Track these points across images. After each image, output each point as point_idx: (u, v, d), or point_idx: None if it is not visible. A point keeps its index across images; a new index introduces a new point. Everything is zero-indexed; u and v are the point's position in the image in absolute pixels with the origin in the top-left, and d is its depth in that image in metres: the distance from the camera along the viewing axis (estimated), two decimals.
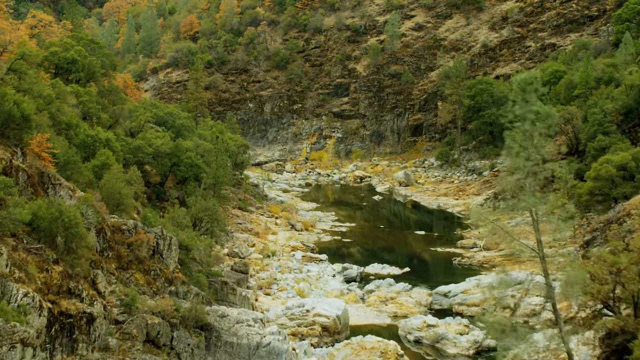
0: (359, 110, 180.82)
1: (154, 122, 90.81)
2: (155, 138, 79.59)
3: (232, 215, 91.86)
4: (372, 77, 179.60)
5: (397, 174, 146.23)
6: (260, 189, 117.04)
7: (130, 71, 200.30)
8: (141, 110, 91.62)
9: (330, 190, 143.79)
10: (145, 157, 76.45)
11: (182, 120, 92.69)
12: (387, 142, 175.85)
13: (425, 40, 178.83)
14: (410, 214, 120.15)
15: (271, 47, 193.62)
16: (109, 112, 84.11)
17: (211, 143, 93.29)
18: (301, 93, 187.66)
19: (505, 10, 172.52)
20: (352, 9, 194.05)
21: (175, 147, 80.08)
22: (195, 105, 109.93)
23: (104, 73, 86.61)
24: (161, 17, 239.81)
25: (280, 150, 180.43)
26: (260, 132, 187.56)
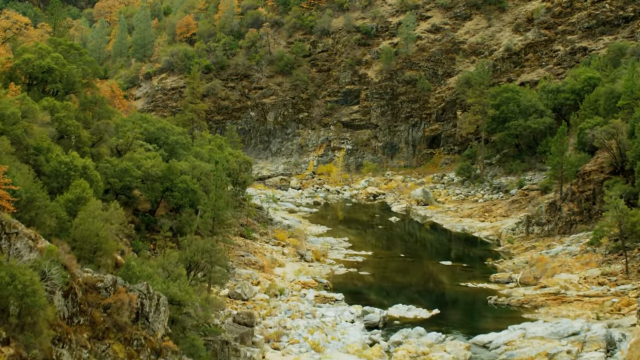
0: (371, 120, 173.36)
1: (145, 139, 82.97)
2: (145, 159, 71.72)
3: (234, 245, 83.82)
4: (385, 83, 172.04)
5: (414, 191, 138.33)
6: (264, 211, 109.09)
7: (122, 76, 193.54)
8: (130, 125, 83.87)
9: (340, 209, 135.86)
10: (132, 181, 68.72)
11: (176, 136, 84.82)
12: (402, 155, 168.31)
13: (442, 44, 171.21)
14: (432, 239, 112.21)
15: (274, 51, 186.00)
16: (92, 128, 76.38)
17: (210, 162, 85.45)
18: (307, 101, 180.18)
19: (531, 11, 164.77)
20: (362, 9, 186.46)
21: (168, 170, 72.22)
22: (191, 118, 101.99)
23: (86, 83, 78.62)
24: (155, 18, 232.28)
25: (284, 164, 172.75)
26: (262, 144, 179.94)
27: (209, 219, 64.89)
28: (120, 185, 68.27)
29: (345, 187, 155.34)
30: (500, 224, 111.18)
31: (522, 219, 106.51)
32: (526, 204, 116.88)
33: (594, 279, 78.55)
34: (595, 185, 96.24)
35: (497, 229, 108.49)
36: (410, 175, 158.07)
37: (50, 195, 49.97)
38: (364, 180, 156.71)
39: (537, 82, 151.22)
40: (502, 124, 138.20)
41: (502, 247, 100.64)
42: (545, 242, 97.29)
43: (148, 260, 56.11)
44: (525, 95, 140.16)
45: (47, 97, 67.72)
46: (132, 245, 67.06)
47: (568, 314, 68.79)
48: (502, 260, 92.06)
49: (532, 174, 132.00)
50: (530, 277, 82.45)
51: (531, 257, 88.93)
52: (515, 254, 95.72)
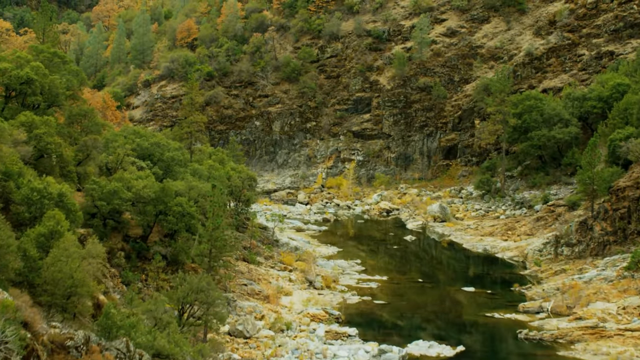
0: (383, 130, 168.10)
1: (137, 156, 77.61)
2: (136, 179, 66.29)
3: (236, 272, 78.23)
4: (398, 90, 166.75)
5: (430, 207, 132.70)
6: (269, 231, 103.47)
7: (119, 84, 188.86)
8: (121, 140, 78.47)
9: (352, 227, 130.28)
10: (122, 204, 63.28)
11: (172, 152, 79.34)
12: (416, 167, 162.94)
13: (459, 48, 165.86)
14: (451, 261, 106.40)
15: (280, 56, 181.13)
16: (79, 145, 71.16)
17: (210, 180, 79.96)
18: (315, 109, 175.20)
19: (553, 13, 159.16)
20: (373, 12, 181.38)
21: (162, 191, 66.73)
22: (189, 131, 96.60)
23: (71, 95, 73.13)
24: (155, 22, 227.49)
25: (291, 176, 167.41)
26: (268, 155, 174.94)
27: (205, 251, 58.95)
28: (108, 209, 63.05)
29: (356, 202, 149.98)
30: (526, 243, 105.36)
31: (550, 239, 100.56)
32: (552, 221, 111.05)
33: (634, 309, 72.61)
34: (631, 202, 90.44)
35: (522, 250, 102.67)
36: (425, 189, 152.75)
37: (20, 228, 44.64)
38: (376, 194, 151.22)
39: (560, 89, 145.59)
40: (524, 134, 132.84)
41: (529, 270, 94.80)
42: (577, 265, 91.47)
43: (134, 302, 50.68)
44: (549, 103, 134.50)
45: (25, 111, 62.23)
46: (121, 276, 61.82)
47: (609, 351, 63.08)
48: (530, 286, 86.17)
49: (557, 188, 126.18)
50: (563, 306, 76.62)
51: (563, 284, 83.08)
52: (544, 278, 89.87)
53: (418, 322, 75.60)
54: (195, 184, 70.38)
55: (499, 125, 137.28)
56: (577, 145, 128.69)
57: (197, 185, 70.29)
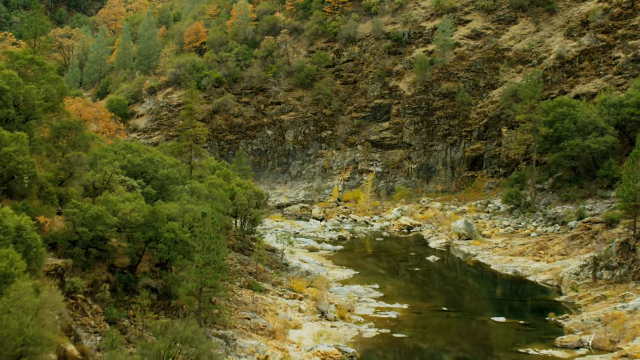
0: (403, 139, 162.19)
1: (129, 173, 71.64)
2: (124, 202, 60.31)
3: (238, 303, 72.05)
4: (419, 97, 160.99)
5: (455, 223, 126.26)
6: (279, 254, 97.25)
7: (124, 91, 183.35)
8: (111, 156, 72.52)
9: (370, 246, 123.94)
10: (106, 230, 57.36)
11: (167, 169, 73.24)
12: (439, 179, 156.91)
13: (484, 51, 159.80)
14: (479, 285, 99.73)
15: (294, 61, 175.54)
16: (62, 162, 65.38)
17: (208, 201, 73.92)
18: (331, 117, 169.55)
19: (586, 13, 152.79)
20: (393, 14, 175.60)
21: (152, 216, 60.75)
22: (189, 145, 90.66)
23: (51, 107, 67.14)
24: (163, 26, 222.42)
25: (305, 189, 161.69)
26: (281, 166, 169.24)
27: (194, 291, 52.28)
28: (91, 236, 57.03)
29: (374, 218, 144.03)
30: (560, 265, 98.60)
31: (588, 260, 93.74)
32: (589, 240, 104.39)
33: None
34: None
35: (557, 273, 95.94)
36: (449, 202, 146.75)
37: None
38: (397, 209, 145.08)
39: (594, 95, 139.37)
40: (557, 143, 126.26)
41: (565, 296, 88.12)
42: (618, 291, 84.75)
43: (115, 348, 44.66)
44: (583, 111, 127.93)
45: None
46: (105, 314, 55.79)
47: None
48: (568, 316, 79.51)
49: (592, 203, 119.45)
50: (606, 340, 69.99)
51: (605, 314, 76.39)
52: (583, 305, 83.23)
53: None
54: (191, 207, 64.22)
55: (529, 135, 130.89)
56: (614, 155, 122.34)
57: (192, 208, 64.13)
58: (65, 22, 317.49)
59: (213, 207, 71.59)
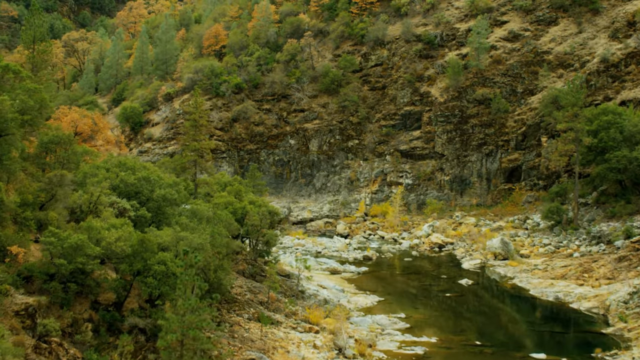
0: (435, 148, 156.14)
1: (121, 194, 66.05)
2: (109, 229, 54.73)
3: (244, 339, 65.97)
4: (452, 103, 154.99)
5: (490, 242, 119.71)
6: (294, 279, 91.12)
7: (139, 98, 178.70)
8: (102, 174, 66.95)
9: (397, 267, 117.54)
10: (87, 262, 51.85)
11: (164, 189, 67.44)
12: (473, 191, 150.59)
13: (522, 54, 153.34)
14: (516, 314, 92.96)
15: (318, 65, 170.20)
16: (43, 183, 60.01)
17: (209, 224, 68.01)
18: (358, 125, 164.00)
19: (632, 13, 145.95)
20: (424, 14, 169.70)
21: (140, 245, 55.02)
22: (193, 160, 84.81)
23: (29, 121, 61.44)
24: (183, 28, 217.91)
25: (330, 203, 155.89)
26: (304, 178, 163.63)
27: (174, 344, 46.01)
28: (69, 269, 51.45)
29: (403, 234, 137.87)
30: (606, 291, 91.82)
31: (638, 287, 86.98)
32: (638, 262, 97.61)
33: None
34: None
35: (603, 300, 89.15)
36: (484, 217, 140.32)
37: None
38: (427, 225, 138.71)
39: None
40: (601, 154, 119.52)
41: (613, 327, 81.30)
42: None
43: None
44: (630, 119, 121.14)
45: None
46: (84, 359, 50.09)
47: None
48: (617, 353, 72.77)
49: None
50: None
51: None
52: (633, 339, 76.44)
53: None
54: (185, 235, 58.30)
55: (571, 145, 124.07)
56: None
57: (186, 236, 58.20)
58: (89, 25, 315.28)
59: (214, 232, 65.61)
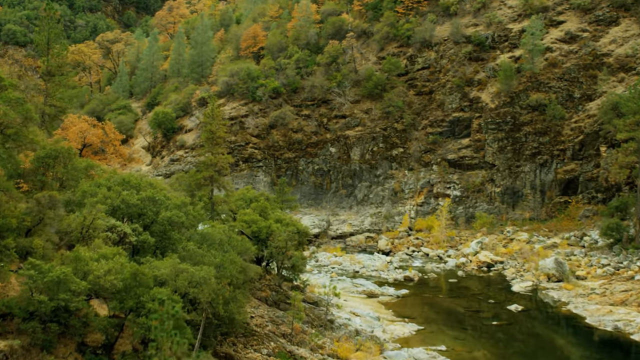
0: (485, 158, 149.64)
1: (122, 215, 60.63)
2: (98, 259, 49.33)
3: None
4: (504, 109, 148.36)
5: (543, 262, 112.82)
6: (321, 307, 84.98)
7: (172, 102, 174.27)
8: (102, 193, 61.58)
9: (440, 289, 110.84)
10: (71, 299, 46.48)
11: (170, 211, 61.74)
12: (526, 204, 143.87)
13: (580, 57, 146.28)
14: (569, 346, 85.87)
15: (361, 69, 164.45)
16: (29, 206, 54.82)
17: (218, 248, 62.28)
18: (403, 133, 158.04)
19: None
20: (474, 14, 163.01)
21: (133, 279, 49.35)
22: (209, 176, 78.93)
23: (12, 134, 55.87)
24: (222, 29, 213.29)
25: (372, 216, 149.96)
26: (345, 188, 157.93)
27: None
28: (51, 307, 46.03)
29: (449, 252, 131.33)
30: None
31: None
32: None
33: None
34: None
35: None
36: (537, 233, 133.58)
37: None
38: (475, 242, 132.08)
39: None
40: None
41: None
42: None
43: None
44: None
45: None
46: None
47: None
48: None
49: None
50: None
51: None
52: None
53: None
54: (185, 267, 52.50)
55: (633, 157, 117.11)
56: None
57: (186, 268, 52.40)
58: (134, 25, 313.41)
59: (225, 260, 59.75)
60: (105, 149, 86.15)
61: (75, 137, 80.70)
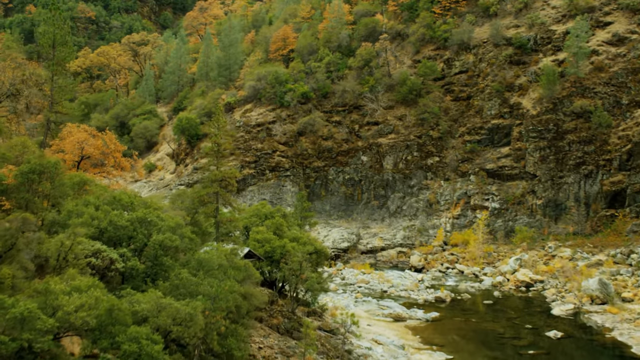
0: (526, 168, 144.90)
1: (109, 239, 55.95)
2: (70, 293, 44.69)
3: None
4: (546, 116, 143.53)
5: (587, 282, 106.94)
6: (339, 335, 79.64)
7: (197, 108, 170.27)
8: (89, 213, 56.95)
9: (474, 312, 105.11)
10: (36, 339, 41.81)
11: (163, 234, 56.78)
12: (570, 218, 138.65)
13: (628, 60, 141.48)
14: None
15: (395, 72, 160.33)
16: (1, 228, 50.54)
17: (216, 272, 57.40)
18: (439, 141, 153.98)
19: None
20: (515, 15, 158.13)
21: (109, 316, 44.65)
22: (214, 192, 73.82)
23: None
24: (253, 31, 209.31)
25: (405, 229, 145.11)
26: (377, 199, 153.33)
27: None
28: (12, 348, 41.45)
29: (485, 269, 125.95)
30: None
31: None
32: None
33: None
34: None
35: None
36: (581, 249, 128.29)
37: None
38: (514, 258, 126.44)
39: None
40: None
41: None
42: None
43: None
44: None
45: None
46: None
47: None
48: None
49: None
50: None
51: None
52: None
53: None
54: (168, 302, 47.52)
55: None
56: None
57: (170, 303, 47.41)
58: (170, 27, 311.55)
59: (220, 292, 54.72)
60: (104, 162, 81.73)
61: (73, 148, 76.24)
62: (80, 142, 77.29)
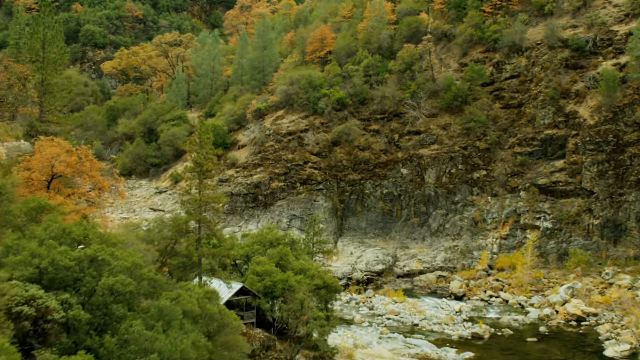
0: (582, 184, 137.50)
1: (50, 283, 48.29)
2: None
3: None
4: (605, 127, 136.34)
5: None
6: None
7: (226, 114, 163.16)
8: (30, 249, 49.39)
9: (517, 350, 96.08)
10: None
11: (115, 276, 48.60)
12: (631, 240, 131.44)
13: None
14: None
15: (440, 77, 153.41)
16: None
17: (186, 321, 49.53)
18: (486, 153, 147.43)
19: None
20: (573, 14, 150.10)
21: None
22: (197, 220, 65.63)
23: None
24: (292, 31, 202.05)
25: (447, 251, 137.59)
26: (418, 217, 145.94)
27: None
28: None
29: (533, 299, 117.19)
30: None
31: None
32: None
33: None
34: None
35: None
36: None
37: None
38: (565, 287, 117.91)
39: None
40: None
41: None
42: None
43: None
44: None
45: None
46: None
47: None
48: None
49: None
50: None
51: None
52: None
53: None
54: None
55: None
56: None
57: None
58: (221, 26, 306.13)
59: (186, 347, 46.60)
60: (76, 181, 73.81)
61: (42, 166, 68.52)
62: (50, 159, 69.62)
